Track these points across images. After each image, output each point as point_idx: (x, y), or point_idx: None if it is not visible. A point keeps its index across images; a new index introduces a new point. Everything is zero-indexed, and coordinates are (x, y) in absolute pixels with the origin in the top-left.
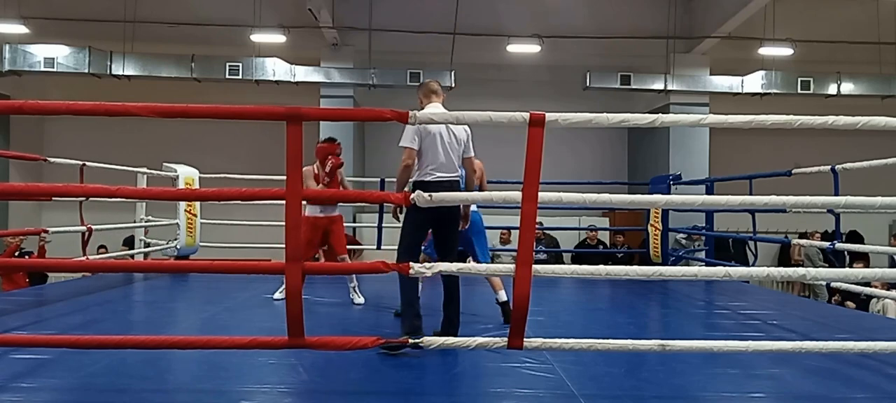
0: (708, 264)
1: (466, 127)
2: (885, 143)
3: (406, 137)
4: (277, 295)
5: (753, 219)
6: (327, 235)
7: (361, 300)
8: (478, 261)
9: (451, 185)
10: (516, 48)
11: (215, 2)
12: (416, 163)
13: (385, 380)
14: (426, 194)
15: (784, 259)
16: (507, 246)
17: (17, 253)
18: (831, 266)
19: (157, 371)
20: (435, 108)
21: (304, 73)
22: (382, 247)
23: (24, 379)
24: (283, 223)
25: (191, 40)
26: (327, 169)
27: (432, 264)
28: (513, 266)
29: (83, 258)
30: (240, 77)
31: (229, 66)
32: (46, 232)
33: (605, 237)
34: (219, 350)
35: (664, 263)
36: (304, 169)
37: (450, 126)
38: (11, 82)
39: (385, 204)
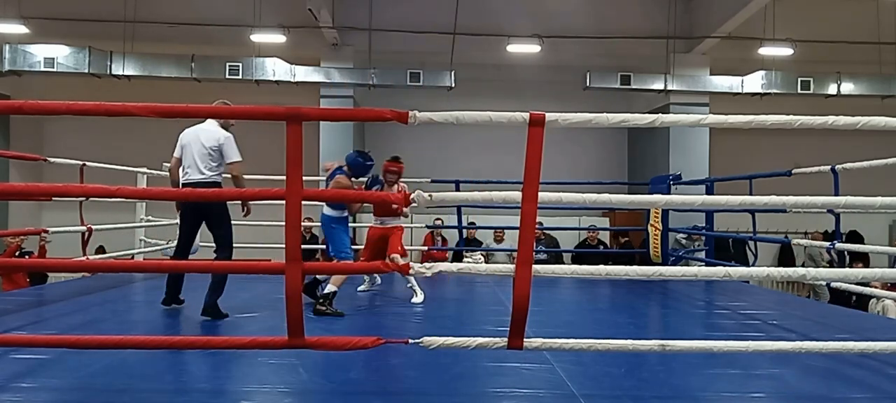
0: (708, 264)
1: (219, 136)
2: (885, 143)
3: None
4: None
5: (753, 219)
6: (385, 241)
7: (420, 298)
8: (330, 258)
9: (200, 185)
10: (516, 48)
11: (215, 2)
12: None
13: (385, 380)
14: (426, 194)
15: (784, 259)
16: (502, 246)
17: (17, 253)
18: (832, 266)
19: (157, 371)
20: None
21: (304, 73)
22: None
23: (24, 379)
24: (283, 223)
25: (191, 40)
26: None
27: (432, 264)
28: (512, 266)
29: (83, 258)
30: (240, 77)
31: (229, 66)
32: (46, 232)
33: (605, 237)
34: (219, 351)
35: (664, 263)
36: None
37: (200, 137)
38: (11, 82)
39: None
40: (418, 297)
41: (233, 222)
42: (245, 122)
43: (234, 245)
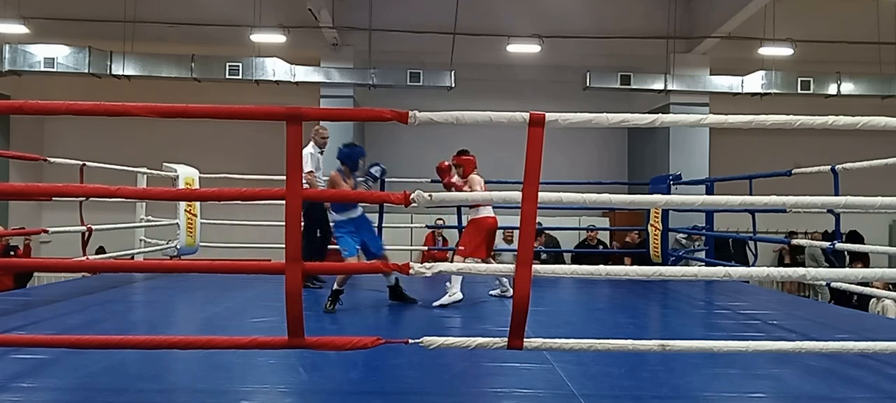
0: (708, 264)
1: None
2: (885, 143)
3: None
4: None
5: (753, 219)
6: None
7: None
8: (374, 254)
9: None
10: (516, 48)
11: (215, 2)
12: None
13: (385, 380)
14: (426, 194)
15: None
16: (511, 246)
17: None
18: (832, 266)
19: (157, 371)
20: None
21: (304, 73)
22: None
23: (24, 379)
24: (283, 223)
25: (191, 40)
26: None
27: (432, 264)
28: (513, 266)
29: (83, 258)
30: (240, 77)
31: (229, 66)
32: (46, 231)
33: (604, 237)
34: (219, 350)
35: (664, 263)
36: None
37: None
38: (11, 82)
39: (385, 204)
40: (448, 298)
41: (235, 222)
42: (245, 123)
43: (236, 245)
